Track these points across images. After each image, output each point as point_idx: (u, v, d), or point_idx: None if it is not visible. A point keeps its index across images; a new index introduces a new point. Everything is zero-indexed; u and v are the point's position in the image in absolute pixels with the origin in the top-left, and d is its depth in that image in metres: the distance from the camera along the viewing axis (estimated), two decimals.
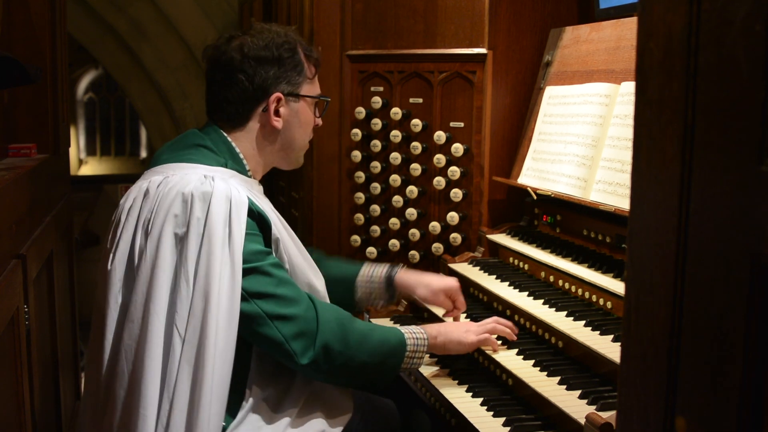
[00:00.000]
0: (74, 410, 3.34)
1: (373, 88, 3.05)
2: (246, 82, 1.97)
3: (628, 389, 1.01)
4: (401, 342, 1.98)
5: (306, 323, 1.83)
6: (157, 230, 1.79)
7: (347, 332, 1.88)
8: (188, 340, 1.73)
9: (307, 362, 1.82)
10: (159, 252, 1.77)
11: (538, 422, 1.86)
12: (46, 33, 3.02)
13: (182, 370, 1.72)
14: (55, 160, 3.13)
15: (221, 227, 1.76)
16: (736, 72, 0.80)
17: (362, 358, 1.89)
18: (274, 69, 1.99)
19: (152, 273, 1.76)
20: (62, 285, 3.08)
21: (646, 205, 0.96)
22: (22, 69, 2.18)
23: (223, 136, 2.01)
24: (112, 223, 1.92)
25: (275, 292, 1.81)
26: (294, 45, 2.03)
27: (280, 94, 2.00)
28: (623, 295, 1.01)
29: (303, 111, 2.07)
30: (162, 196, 1.82)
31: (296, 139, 2.09)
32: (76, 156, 18.14)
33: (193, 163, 1.91)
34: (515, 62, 2.83)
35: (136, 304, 1.78)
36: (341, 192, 3.15)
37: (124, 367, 1.78)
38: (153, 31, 9.17)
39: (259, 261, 1.81)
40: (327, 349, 1.84)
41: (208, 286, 1.73)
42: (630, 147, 0.99)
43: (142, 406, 1.72)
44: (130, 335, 1.78)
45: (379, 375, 1.98)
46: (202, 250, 1.75)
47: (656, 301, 0.93)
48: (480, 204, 2.85)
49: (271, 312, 1.80)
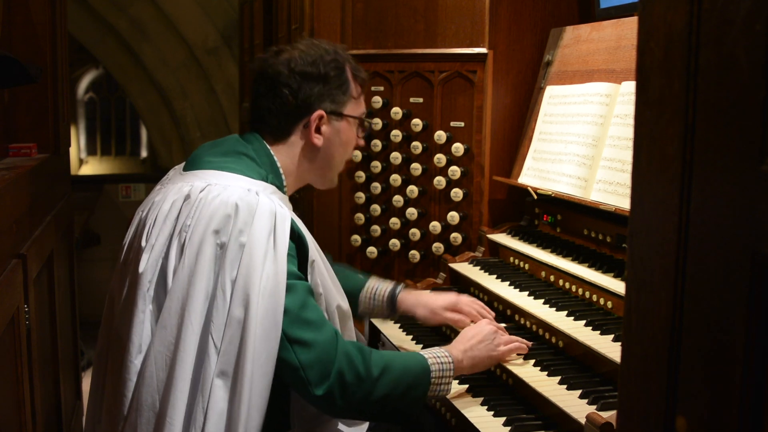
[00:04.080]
0: (74, 409, 3.34)
1: (374, 88, 3.05)
2: (290, 97, 1.95)
3: (628, 389, 1.01)
4: (425, 369, 1.88)
5: (325, 353, 1.75)
6: (197, 237, 1.74)
7: (368, 365, 1.79)
8: (224, 350, 1.69)
9: (321, 393, 1.74)
10: (198, 260, 1.73)
11: (538, 422, 1.86)
12: (47, 32, 3.02)
13: (217, 380, 1.69)
14: (56, 159, 3.13)
15: (264, 240, 1.73)
16: (736, 71, 0.79)
17: (383, 391, 1.80)
18: (319, 86, 1.97)
19: (190, 280, 1.73)
20: (62, 285, 3.08)
21: (646, 204, 0.95)
22: (23, 68, 2.18)
23: (266, 147, 1.98)
24: (141, 222, 1.87)
25: (301, 315, 1.75)
26: (342, 64, 2.02)
27: (323, 112, 1.98)
28: (624, 295, 1.01)
29: (345, 130, 2.04)
30: (205, 203, 1.77)
31: (335, 158, 2.06)
32: (77, 156, 18.15)
33: (236, 173, 1.86)
34: (516, 62, 2.83)
35: (171, 311, 1.74)
36: (341, 191, 3.15)
37: (153, 373, 1.74)
38: (153, 30, 9.18)
39: (292, 280, 1.76)
40: (343, 382, 1.75)
41: (247, 297, 1.69)
42: (630, 147, 0.99)
43: (169, 415, 1.69)
44: (162, 341, 1.74)
45: (403, 407, 1.88)
46: (242, 262, 1.71)
47: (657, 300, 0.93)
48: (480, 204, 2.85)
49: (291, 335, 1.73)
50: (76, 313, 3.57)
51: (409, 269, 3.02)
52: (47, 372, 2.63)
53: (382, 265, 3.09)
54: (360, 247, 3.10)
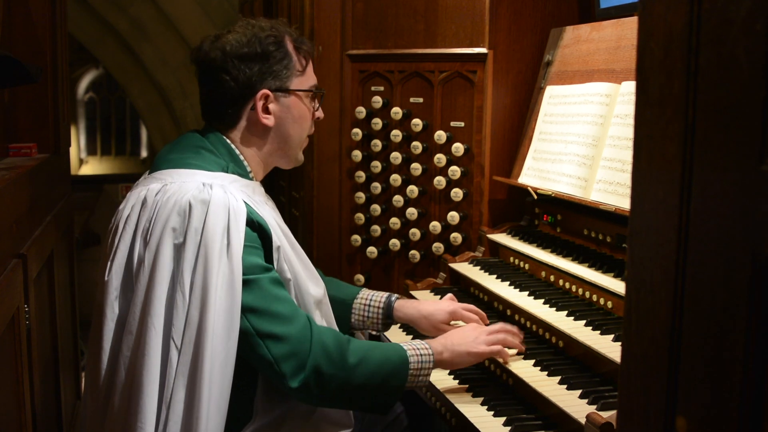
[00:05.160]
0: (75, 409, 3.34)
1: (374, 88, 3.05)
2: (231, 82, 1.91)
3: (628, 389, 1.01)
4: (403, 360, 1.89)
5: (299, 344, 1.74)
6: (155, 240, 1.74)
7: (344, 354, 1.79)
8: (184, 351, 1.69)
9: (297, 386, 1.74)
10: (157, 263, 1.73)
11: (538, 422, 1.86)
12: (47, 32, 3.02)
13: (178, 381, 1.69)
14: (56, 159, 3.13)
15: (219, 237, 1.72)
16: (736, 71, 0.79)
17: (360, 380, 1.81)
18: (259, 65, 1.92)
19: (149, 284, 1.73)
20: (63, 285, 3.08)
21: (646, 204, 0.95)
22: (23, 68, 2.18)
23: (221, 137, 1.96)
24: (110, 230, 1.88)
25: (269, 309, 1.74)
26: (280, 38, 1.96)
27: (267, 91, 1.94)
28: (624, 295, 1.01)
29: (296, 105, 2.00)
30: (160, 205, 1.77)
31: (292, 136, 2.02)
32: (77, 156, 18.15)
33: (193, 168, 1.85)
34: (516, 62, 2.83)
35: (134, 316, 1.75)
36: (342, 191, 3.15)
37: (123, 379, 1.75)
38: (153, 30, 9.17)
39: (256, 274, 1.75)
40: (319, 373, 1.76)
41: (204, 296, 1.69)
42: (630, 146, 0.99)
43: (140, 420, 1.69)
44: (128, 347, 1.75)
45: (382, 397, 1.89)
46: (198, 261, 1.71)
47: (657, 300, 0.93)
48: (480, 203, 2.85)
49: (262, 330, 1.73)
50: (76, 313, 3.57)
51: (409, 269, 3.02)
52: (47, 372, 2.63)
53: (382, 265, 3.09)
54: (360, 247, 3.10)
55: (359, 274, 3.11)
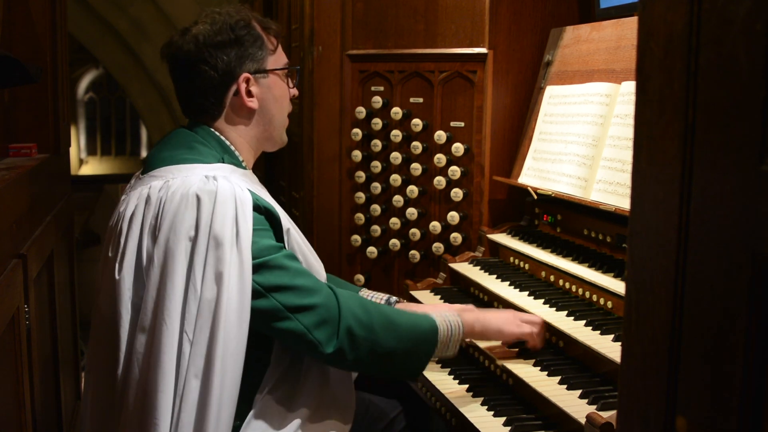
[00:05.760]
0: (75, 410, 3.34)
1: (374, 88, 3.05)
2: (210, 71, 1.92)
3: (628, 389, 1.01)
4: (433, 327, 1.92)
5: (327, 311, 1.79)
6: (164, 236, 1.74)
7: (372, 317, 1.83)
8: (196, 341, 1.70)
9: (332, 350, 1.78)
10: (168, 259, 1.73)
11: (538, 422, 1.86)
12: (47, 32, 3.02)
13: (190, 372, 1.70)
14: (56, 159, 3.13)
15: (229, 228, 1.73)
16: (736, 71, 0.79)
17: (390, 344, 1.84)
18: (235, 50, 1.93)
19: (161, 280, 1.73)
20: (63, 285, 3.08)
21: (646, 204, 0.95)
22: (23, 68, 2.18)
23: (210, 129, 1.97)
24: (112, 231, 1.88)
25: (292, 284, 1.78)
26: (248, 21, 1.97)
27: (248, 74, 1.95)
28: (624, 295, 1.01)
29: (275, 85, 2.02)
30: (166, 200, 1.77)
31: (275, 115, 2.04)
32: (77, 156, 18.16)
33: (191, 162, 1.86)
34: (516, 62, 2.83)
35: (147, 313, 1.75)
36: (341, 192, 3.15)
37: (137, 376, 1.75)
38: (153, 30, 9.17)
39: (272, 254, 1.78)
40: (352, 336, 1.80)
41: (218, 287, 1.70)
42: (630, 146, 0.99)
43: (155, 416, 1.69)
44: (142, 344, 1.75)
45: (411, 362, 1.92)
46: (209, 253, 1.72)
47: (657, 300, 0.93)
48: (480, 203, 2.85)
49: (290, 304, 1.76)
50: (76, 313, 3.58)
51: (409, 269, 3.02)
52: (47, 372, 2.63)
53: (382, 265, 3.09)
54: (360, 247, 3.10)
55: (359, 274, 3.11)
